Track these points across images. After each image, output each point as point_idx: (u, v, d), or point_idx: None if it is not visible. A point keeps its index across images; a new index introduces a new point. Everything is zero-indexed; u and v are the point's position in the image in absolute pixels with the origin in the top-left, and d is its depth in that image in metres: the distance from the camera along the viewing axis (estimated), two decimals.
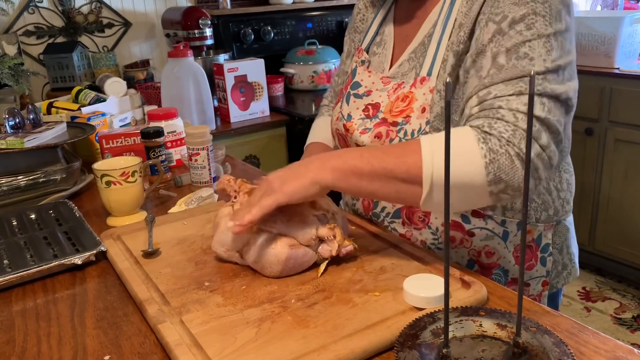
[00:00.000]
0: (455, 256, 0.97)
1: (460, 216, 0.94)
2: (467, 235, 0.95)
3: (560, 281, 1.05)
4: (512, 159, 0.75)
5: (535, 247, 1.00)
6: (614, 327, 2.33)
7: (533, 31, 0.79)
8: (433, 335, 0.62)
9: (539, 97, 0.77)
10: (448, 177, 0.50)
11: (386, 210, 1.01)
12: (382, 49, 1.05)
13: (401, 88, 0.94)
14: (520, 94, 0.77)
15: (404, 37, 1.01)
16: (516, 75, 0.78)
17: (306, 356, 0.64)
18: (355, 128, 0.98)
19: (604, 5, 3.23)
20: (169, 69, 2.04)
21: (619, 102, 2.42)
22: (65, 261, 0.92)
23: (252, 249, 0.84)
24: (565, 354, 0.57)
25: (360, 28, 1.16)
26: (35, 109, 1.42)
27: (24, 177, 1.26)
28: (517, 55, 0.78)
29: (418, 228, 0.98)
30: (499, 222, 0.95)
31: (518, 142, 0.75)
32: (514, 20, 0.80)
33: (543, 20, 0.79)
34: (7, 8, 2.30)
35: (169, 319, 0.73)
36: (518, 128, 0.76)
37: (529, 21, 0.79)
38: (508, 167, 0.75)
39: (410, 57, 0.97)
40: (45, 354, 0.71)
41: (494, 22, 0.82)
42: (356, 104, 1.01)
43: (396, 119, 0.92)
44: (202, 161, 1.26)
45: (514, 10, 0.80)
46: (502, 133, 0.76)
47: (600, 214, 2.60)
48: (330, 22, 2.97)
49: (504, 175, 0.75)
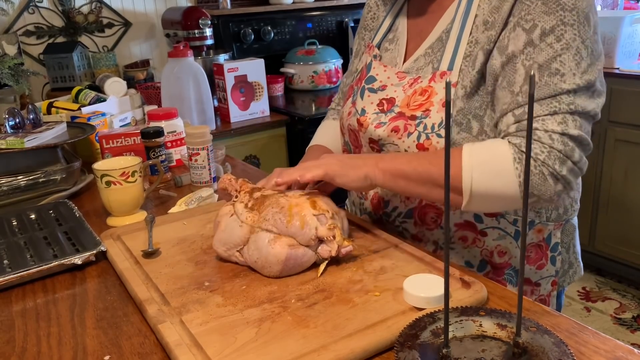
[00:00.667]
0: (467, 255, 0.98)
1: (473, 215, 0.95)
2: (480, 235, 0.96)
3: (567, 280, 1.06)
4: (545, 177, 0.81)
5: (545, 247, 1.00)
6: (614, 327, 2.33)
7: (562, 43, 0.81)
8: (433, 335, 0.62)
9: (571, 115, 0.81)
10: (448, 178, 0.50)
11: (398, 210, 1.01)
12: (394, 44, 1.05)
13: (418, 82, 0.95)
14: (555, 114, 0.81)
15: (418, 32, 1.01)
16: (549, 95, 0.81)
17: (306, 356, 0.64)
18: (369, 122, 0.98)
19: (604, 5, 3.23)
20: (169, 69, 2.04)
21: (619, 102, 2.42)
22: (65, 261, 0.92)
23: (252, 248, 0.84)
24: (565, 354, 0.57)
25: (370, 26, 1.15)
26: (35, 109, 1.42)
27: (24, 177, 1.26)
28: (550, 72, 0.81)
29: (430, 228, 0.99)
30: (511, 222, 0.96)
31: (552, 163, 0.80)
32: (544, 32, 0.81)
33: (571, 29, 0.81)
34: (7, 8, 2.30)
35: (169, 319, 0.73)
36: (553, 150, 0.80)
37: (558, 32, 0.81)
38: (540, 184, 0.81)
39: (426, 52, 0.97)
40: (45, 354, 0.71)
41: (523, 29, 0.83)
42: (370, 98, 1.01)
43: (414, 113, 0.92)
44: (202, 161, 1.26)
45: (544, 19, 0.82)
46: (538, 155, 0.80)
47: (600, 214, 2.60)
48: (330, 22, 2.97)
49: (535, 192, 0.81)
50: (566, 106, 0.80)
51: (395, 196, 1.01)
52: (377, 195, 1.04)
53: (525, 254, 0.81)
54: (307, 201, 0.86)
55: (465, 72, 0.89)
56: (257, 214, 0.87)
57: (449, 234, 0.76)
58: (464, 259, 0.98)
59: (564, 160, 0.80)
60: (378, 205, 1.05)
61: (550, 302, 1.04)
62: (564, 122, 0.80)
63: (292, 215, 0.84)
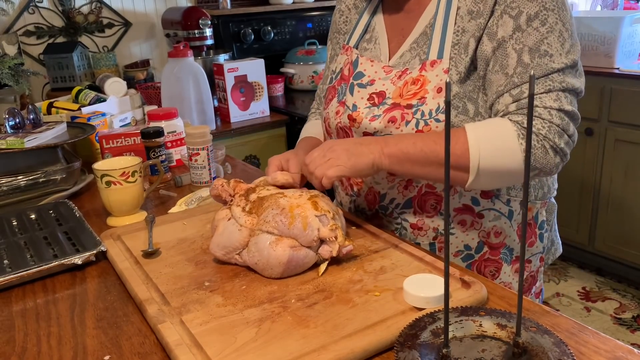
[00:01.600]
0: (466, 239, 1.01)
1: (470, 198, 0.99)
2: (477, 217, 1.00)
3: (550, 257, 1.13)
4: (546, 150, 0.86)
5: (534, 225, 1.06)
6: (614, 327, 2.33)
7: (547, 27, 0.88)
8: (433, 335, 0.62)
9: (562, 92, 0.87)
10: (448, 176, 0.50)
11: (395, 202, 1.03)
12: (373, 44, 1.07)
13: (407, 74, 0.97)
14: (549, 92, 0.87)
15: (399, 30, 1.04)
16: (542, 74, 0.87)
17: (306, 356, 0.64)
18: (363, 117, 1.00)
19: (604, 5, 3.23)
20: (169, 69, 2.04)
21: (619, 102, 2.42)
22: (65, 261, 0.92)
23: (253, 251, 0.84)
24: (565, 354, 0.57)
25: (343, 30, 1.18)
26: (35, 109, 1.42)
27: (24, 177, 1.26)
28: (539, 53, 0.87)
29: (430, 215, 1.01)
30: (505, 202, 1.01)
31: (553, 136, 0.86)
32: (529, 17, 0.88)
33: (553, 14, 0.88)
34: (7, 8, 2.30)
35: (169, 319, 0.73)
36: (552, 124, 0.86)
37: (542, 17, 0.88)
38: (542, 157, 0.86)
39: (411, 47, 1.00)
40: (45, 354, 0.71)
41: (510, 16, 0.89)
42: (360, 93, 1.03)
43: (410, 102, 0.95)
44: (202, 161, 1.26)
45: (528, 6, 0.88)
46: (540, 130, 0.86)
47: (600, 214, 2.60)
48: (330, 22, 2.97)
49: (538, 165, 0.87)
50: (559, 84, 0.87)
51: (392, 188, 1.02)
52: (372, 190, 1.05)
53: (525, 255, 0.82)
54: (308, 202, 0.86)
55: (457, 59, 0.93)
56: (255, 216, 0.87)
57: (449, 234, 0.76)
58: (463, 243, 1.01)
59: (562, 134, 0.87)
60: (373, 200, 1.06)
61: (538, 277, 1.11)
62: (558, 99, 0.87)
63: (293, 216, 0.84)
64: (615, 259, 2.63)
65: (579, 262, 2.80)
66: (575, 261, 2.83)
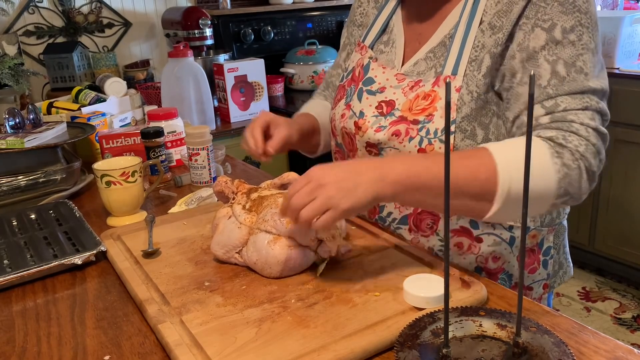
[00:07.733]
0: (463, 262, 0.96)
1: (469, 221, 0.93)
2: (475, 242, 0.94)
3: (557, 281, 1.06)
4: (581, 173, 0.78)
5: (538, 251, 1.00)
6: (614, 327, 2.33)
7: (582, 43, 0.82)
8: (433, 335, 0.62)
9: (597, 113, 0.81)
10: (448, 179, 0.50)
11: (392, 216, 0.99)
12: (390, 47, 1.03)
13: (419, 86, 0.92)
14: (586, 109, 0.80)
15: (416, 36, 0.99)
16: (579, 90, 0.81)
17: (306, 356, 0.64)
18: (368, 126, 0.96)
19: (604, 5, 3.23)
20: (169, 69, 2.04)
21: (619, 102, 2.42)
22: (65, 261, 0.92)
23: (252, 250, 0.84)
24: (565, 354, 0.57)
25: (359, 21, 1.13)
26: (35, 109, 1.42)
27: (24, 177, 1.26)
28: (575, 68, 0.81)
29: (426, 235, 0.96)
30: (507, 228, 0.94)
31: (589, 156, 0.78)
32: (564, 30, 0.82)
33: (587, 32, 0.82)
34: (7, 8, 2.30)
35: (169, 319, 0.73)
36: (589, 143, 0.79)
37: (578, 32, 0.82)
38: (577, 181, 0.78)
39: (427, 56, 0.95)
40: (45, 354, 0.71)
41: (542, 28, 0.83)
42: (369, 100, 0.98)
43: (417, 117, 0.90)
44: (202, 161, 1.26)
45: (562, 19, 0.82)
46: (578, 147, 0.78)
47: (600, 214, 2.60)
48: (330, 22, 2.97)
49: (571, 189, 0.77)
50: (595, 104, 0.81)
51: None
52: None
53: (525, 256, 0.80)
54: None
55: (471, 76, 0.87)
56: (255, 215, 0.87)
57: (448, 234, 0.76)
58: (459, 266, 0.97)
59: (596, 155, 0.79)
60: (373, 210, 1.03)
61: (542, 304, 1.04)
62: (593, 118, 0.80)
63: None
64: (616, 259, 2.63)
65: (579, 262, 2.80)
66: (575, 261, 2.82)
